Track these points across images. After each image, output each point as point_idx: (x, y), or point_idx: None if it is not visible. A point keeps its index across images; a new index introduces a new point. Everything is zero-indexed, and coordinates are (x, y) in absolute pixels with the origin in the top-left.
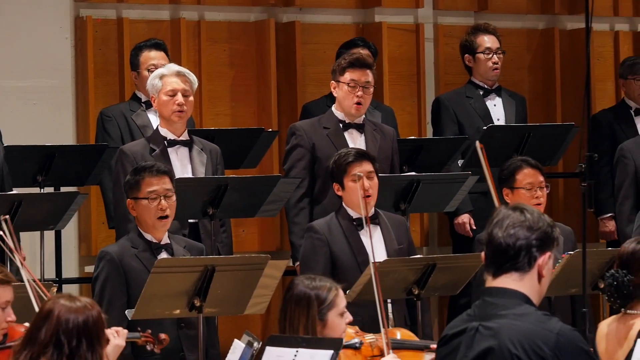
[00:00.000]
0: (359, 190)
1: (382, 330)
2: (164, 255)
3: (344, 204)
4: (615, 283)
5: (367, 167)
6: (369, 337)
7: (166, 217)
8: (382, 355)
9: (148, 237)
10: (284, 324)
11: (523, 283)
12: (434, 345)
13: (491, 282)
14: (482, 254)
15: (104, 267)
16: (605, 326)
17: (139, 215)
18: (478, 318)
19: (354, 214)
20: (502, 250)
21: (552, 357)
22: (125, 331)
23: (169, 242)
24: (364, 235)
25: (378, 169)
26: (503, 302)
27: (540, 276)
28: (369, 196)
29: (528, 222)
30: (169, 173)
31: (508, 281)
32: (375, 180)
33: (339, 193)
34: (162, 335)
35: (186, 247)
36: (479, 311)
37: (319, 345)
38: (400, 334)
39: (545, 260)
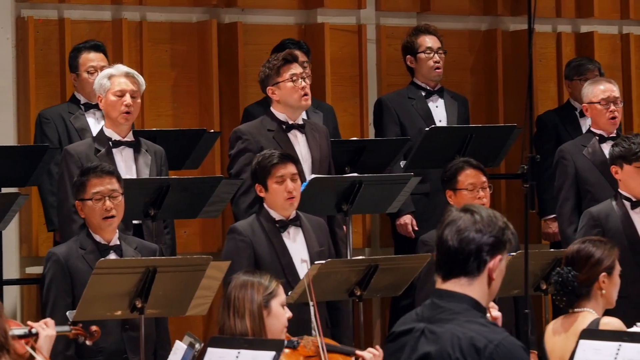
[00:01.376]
0: (283, 193)
1: (318, 332)
2: (112, 256)
3: (265, 206)
4: (560, 279)
5: (292, 169)
6: (303, 339)
7: (112, 217)
8: (317, 355)
9: (97, 238)
10: (228, 314)
11: (472, 287)
12: (359, 352)
13: (441, 284)
14: (434, 253)
15: (50, 268)
16: (553, 326)
17: (86, 216)
18: (426, 319)
19: (276, 216)
20: (451, 254)
21: None
22: (53, 321)
23: (119, 243)
24: (286, 237)
25: (301, 171)
26: (451, 307)
27: (490, 279)
28: (292, 198)
29: (479, 225)
30: (115, 173)
31: (457, 285)
32: (299, 182)
33: (262, 194)
34: (93, 327)
35: (137, 248)
36: (427, 312)
37: (261, 347)
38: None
39: (496, 264)
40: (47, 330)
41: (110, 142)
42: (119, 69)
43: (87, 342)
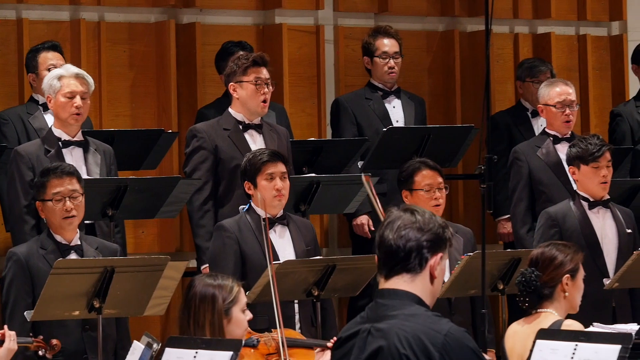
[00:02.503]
0: (272, 190)
1: (279, 330)
2: (73, 256)
3: (252, 204)
4: (523, 279)
5: (281, 167)
6: (264, 336)
7: (72, 216)
8: (278, 352)
9: (58, 238)
10: (187, 322)
11: (414, 284)
12: (330, 344)
13: (383, 284)
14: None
15: (10, 268)
16: (514, 325)
17: (47, 216)
18: (370, 320)
19: (263, 214)
20: (393, 252)
21: (440, 358)
22: (15, 334)
23: (80, 243)
24: (273, 235)
25: (290, 171)
26: (394, 304)
27: (432, 277)
28: (281, 195)
29: (419, 224)
30: (76, 174)
31: (399, 283)
32: (288, 182)
33: (250, 192)
34: (54, 341)
35: (98, 249)
36: (371, 313)
37: (218, 347)
38: (286, 332)
39: (437, 261)
40: (10, 343)
41: (59, 142)
42: (68, 70)
43: (47, 355)
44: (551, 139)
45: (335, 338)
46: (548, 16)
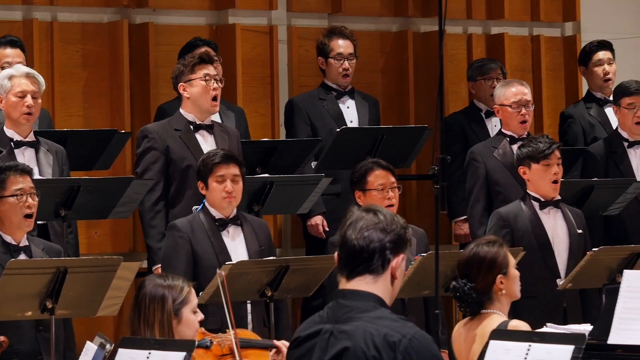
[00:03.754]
0: (221, 192)
1: (231, 331)
2: (22, 257)
3: (206, 204)
4: (458, 294)
5: (234, 170)
6: (217, 337)
7: (31, 215)
8: (231, 354)
9: (7, 239)
10: (138, 322)
11: (377, 285)
12: (276, 342)
13: (345, 285)
14: (335, 255)
15: None
16: (461, 326)
17: (4, 214)
18: (332, 320)
19: (216, 214)
20: (355, 253)
21: None
22: None
23: (28, 244)
24: (225, 236)
25: (244, 173)
26: (357, 305)
27: (393, 278)
28: (230, 198)
29: (382, 224)
30: (31, 173)
31: (362, 284)
32: (240, 184)
33: (203, 192)
34: (1, 338)
35: (44, 249)
36: (333, 313)
37: (172, 347)
38: (241, 333)
39: (398, 263)
40: None
41: (12, 143)
42: (19, 70)
43: None
44: (507, 139)
45: (277, 342)
46: (501, 17)
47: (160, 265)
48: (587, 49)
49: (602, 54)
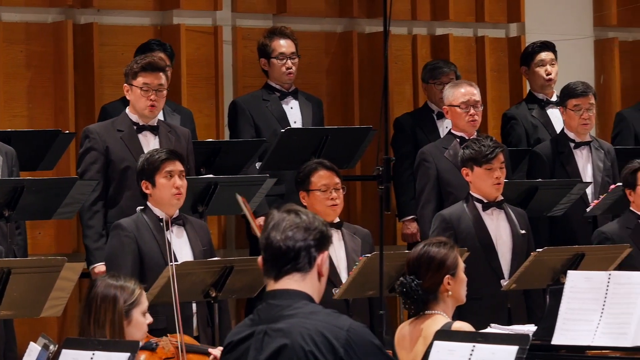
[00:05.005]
0: (171, 188)
1: (178, 333)
2: None
3: (150, 204)
4: (404, 290)
5: (179, 166)
6: (162, 340)
7: None
8: (174, 357)
9: None
10: (88, 322)
11: (305, 283)
12: (211, 350)
13: (273, 285)
14: (260, 259)
15: None
16: (404, 327)
17: None
18: (264, 321)
19: (160, 214)
20: (282, 253)
21: (345, 353)
22: None
23: None
24: (170, 235)
25: (188, 170)
26: (289, 303)
27: (320, 275)
28: (179, 194)
29: (304, 224)
30: None
31: (291, 282)
32: (185, 180)
33: (147, 191)
34: None
35: None
36: (264, 314)
37: (115, 348)
38: (183, 338)
39: (323, 260)
40: None
41: None
42: None
43: None
44: (458, 140)
45: (212, 349)
46: (446, 18)
47: (97, 264)
48: (529, 49)
49: (545, 55)
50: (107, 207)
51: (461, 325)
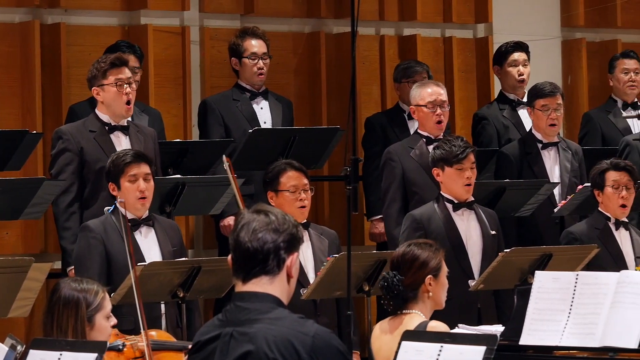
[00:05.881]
0: (135, 192)
1: (142, 332)
2: None
3: (117, 205)
4: (386, 284)
5: (145, 169)
6: (130, 339)
7: None
8: (143, 356)
9: None
10: (50, 326)
11: (274, 286)
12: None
13: (241, 287)
14: (229, 258)
15: None
16: (380, 326)
17: None
18: (231, 324)
19: (129, 215)
20: (250, 255)
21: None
22: None
23: None
24: (138, 236)
25: (154, 172)
26: (256, 307)
27: (289, 277)
28: (144, 198)
29: (274, 225)
30: None
31: (259, 285)
32: (152, 182)
33: (114, 193)
34: None
35: None
36: (231, 316)
37: (83, 349)
38: (157, 334)
39: (293, 261)
40: None
41: None
42: None
43: None
44: (424, 140)
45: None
46: (414, 18)
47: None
48: (502, 49)
49: (518, 55)
50: (83, 208)
51: (437, 325)
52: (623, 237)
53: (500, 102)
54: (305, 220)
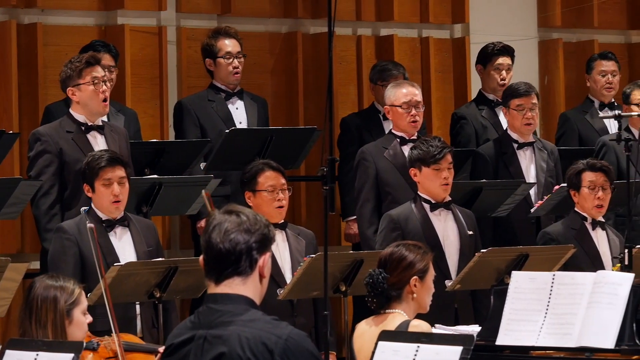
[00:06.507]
0: (109, 196)
1: (114, 333)
2: None
3: (93, 205)
4: (371, 281)
5: (120, 172)
6: (103, 340)
7: None
8: (116, 356)
9: None
10: (29, 322)
11: (246, 287)
12: (161, 349)
13: (214, 289)
14: (201, 259)
15: None
16: (364, 324)
17: None
18: (204, 326)
19: (103, 216)
20: (223, 256)
21: None
22: None
23: None
24: (113, 237)
25: (130, 174)
26: (229, 309)
27: (261, 277)
28: (118, 202)
29: (245, 225)
30: None
31: (231, 286)
32: (127, 186)
33: (89, 194)
34: None
35: None
36: (204, 319)
37: (59, 349)
38: (127, 338)
39: (265, 261)
40: None
41: None
42: None
43: None
44: (398, 140)
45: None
46: (391, 18)
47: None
48: (489, 50)
49: (502, 60)
50: (64, 210)
51: (419, 324)
52: (600, 237)
53: (479, 102)
54: (283, 221)
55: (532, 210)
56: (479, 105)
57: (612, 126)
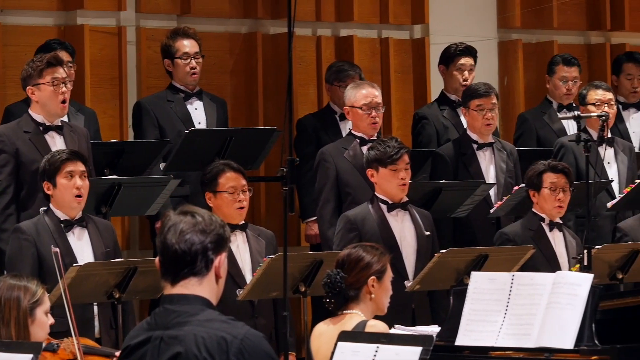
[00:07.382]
0: (72, 189)
1: (73, 336)
2: None
3: (51, 206)
4: (329, 281)
5: (81, 167)
6: (64, 342)
7: None
8: (76, 359)
9: None
10: None
11: (202, 287)
12: (118, 353)
13: (170, 290)
14: (157, 260)
15: None
16: (321, 325)
17: None
18: (161, 327)
19: (62, 216)
20: (178, 257)
21: None
22: None
23: None
24: (71, 237)
25: (91, 171)
26: (185, 309)
27: (217, 277)
28: (80, 196)
29: (201, 225)
30: None
31: (188, 287)
32: (87, 181)
33: (49, 192)
34: None
35: None
36: (161, 320)
37: (18, 349)
38: (83, 342)
39: (221, 261)
40: None
41: None
42: None
43: None
44: (358, 140)
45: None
46: (350, 19)
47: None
48: (451, 50)
49: (465, 60)
50: (20, 210)
51: (375, 324)
52: (557, 239)
53: (441, 102)
54: (243, 221)
55: (491, 210)
56: (441, 105)
57: (570, 127)
